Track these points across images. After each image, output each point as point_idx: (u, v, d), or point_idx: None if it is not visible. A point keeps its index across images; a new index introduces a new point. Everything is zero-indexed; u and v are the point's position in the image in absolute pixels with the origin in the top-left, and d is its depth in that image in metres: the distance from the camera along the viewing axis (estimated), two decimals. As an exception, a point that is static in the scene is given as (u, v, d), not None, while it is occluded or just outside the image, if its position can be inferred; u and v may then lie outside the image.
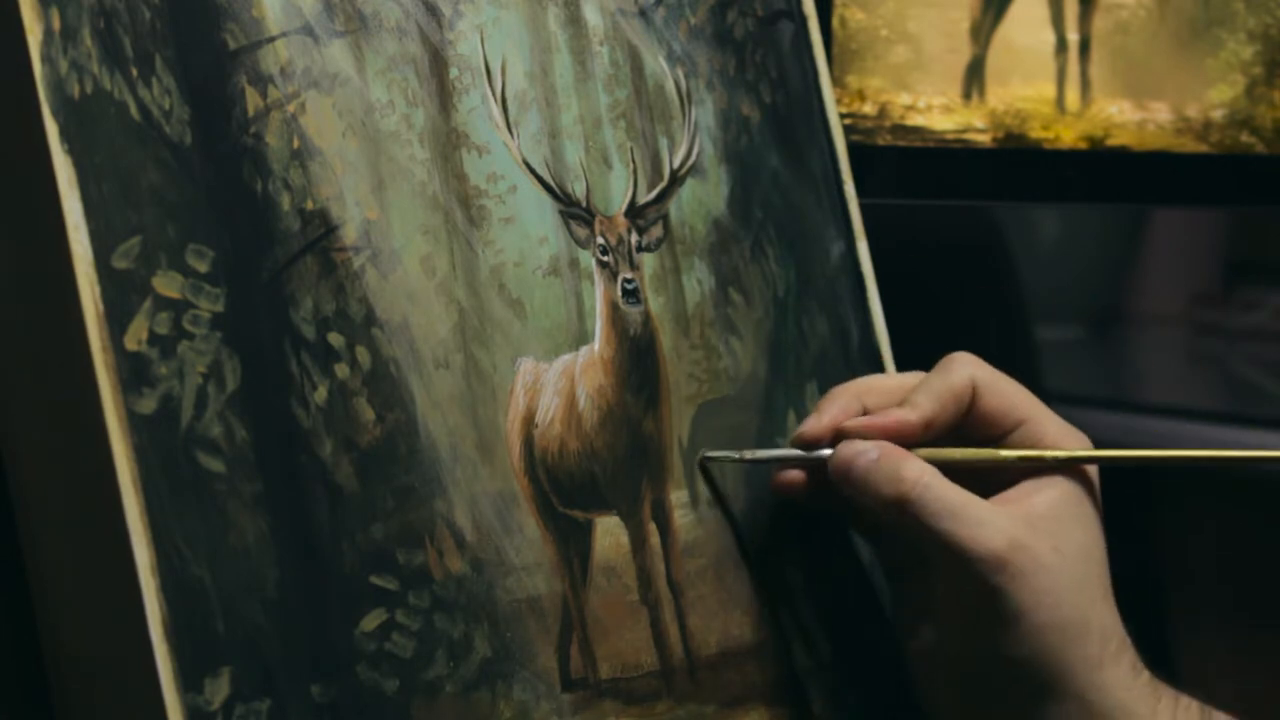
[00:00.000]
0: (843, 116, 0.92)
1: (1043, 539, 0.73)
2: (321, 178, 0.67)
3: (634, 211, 0.77)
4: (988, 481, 0.75)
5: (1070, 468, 0.76)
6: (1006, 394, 0.77)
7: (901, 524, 0.74)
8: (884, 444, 0.74)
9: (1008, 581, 0.72)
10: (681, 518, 0.77)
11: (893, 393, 0.78)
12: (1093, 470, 0.77)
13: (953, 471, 0.74)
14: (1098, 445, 0.78)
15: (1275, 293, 1.97)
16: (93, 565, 0.62)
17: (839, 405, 0.77)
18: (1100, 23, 1.06)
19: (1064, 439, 0.77)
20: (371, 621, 0.66)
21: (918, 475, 0.73)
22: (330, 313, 0.67)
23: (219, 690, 0.61)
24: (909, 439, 0.75)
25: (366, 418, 0.67)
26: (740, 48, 0.83)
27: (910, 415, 0.75)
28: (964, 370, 0.77)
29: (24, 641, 0.65)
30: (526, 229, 0.73)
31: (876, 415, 0.76)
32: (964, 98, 1.02)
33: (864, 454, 0.74)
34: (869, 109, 0.99)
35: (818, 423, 0.76)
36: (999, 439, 0.77)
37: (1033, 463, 0.75)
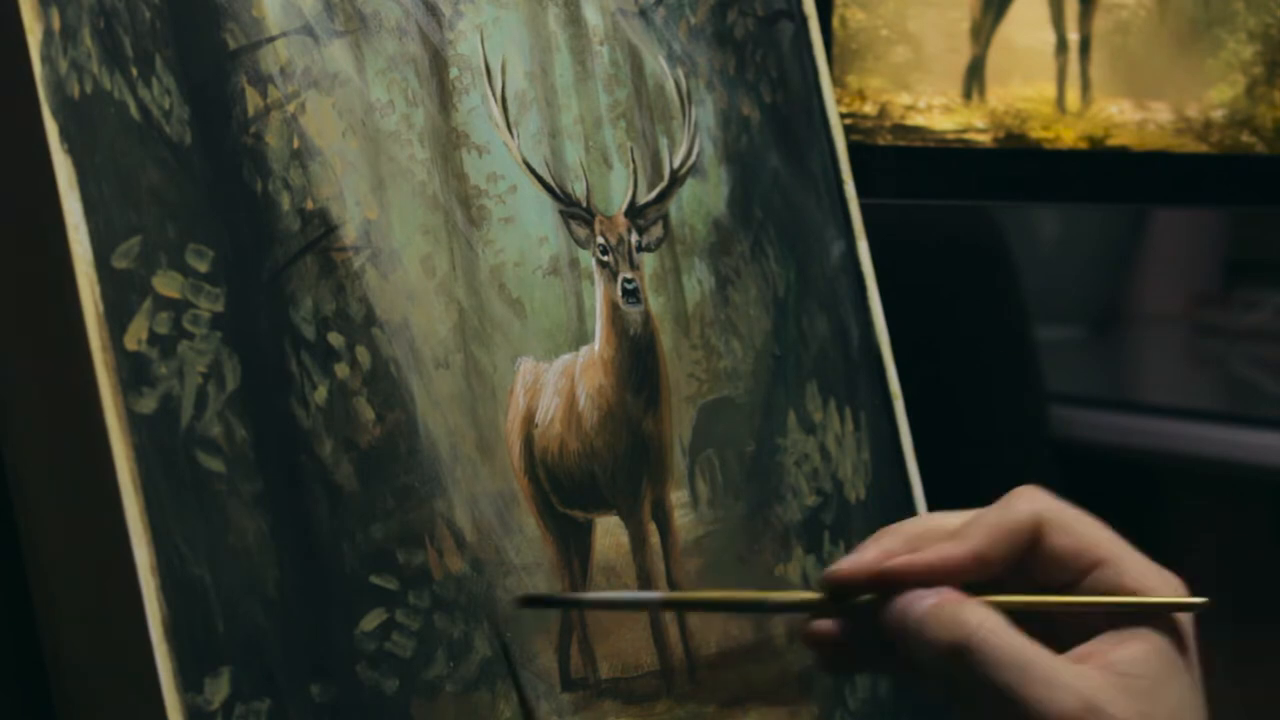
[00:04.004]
0: (843, 116, 0.92)
1: (1126, 701, 0.63)
2: (321, 178, 0.67)
3: (634, 211, 0.77)
4: (1064, 633, 0.66)
5: (1161, 615, 0.66)
6: (1079, 532, 0.67)
7: (959, 676, 0.64)
8: (944, 589, 0.65)
9: None
10: (681, 518, 0.77)
11: (947, 531, 0.68)
12: (1186, 619, 0.67)
13: (1021, 620, 0.65)
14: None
15: (1275, 293, 1.97)
16: (93, 565, 0.62)
17: (881, 546, 0.67)
18: (1100, 23, 1.06)
19: (1148, 582, 0.66)
20: (371, 621, 0.66)
21: (980, 620, 0.64)
22: (330, 313, 0.67)
23: (219, 690, 0.61)
24: (956, 576, 0.66)
25: (366, 418, 0.67)
26: (740, 48, 0.83)
27: (957, 549, 0.66)
28: (1025, 505, 0.67)
29: (24, 641, 0.65)
30: (526, 229, 0.74)
31: (919, 553, 0.66)
32: (964, 98, 1.02)
33: (921, 599, 0.65)
34: (869, 109, 0.99)
35: (854, 563, 0.66)
36: (1072, 582, 0.67)
37: (1108, 608, 0.66)
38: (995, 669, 0.63)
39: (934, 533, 0.67)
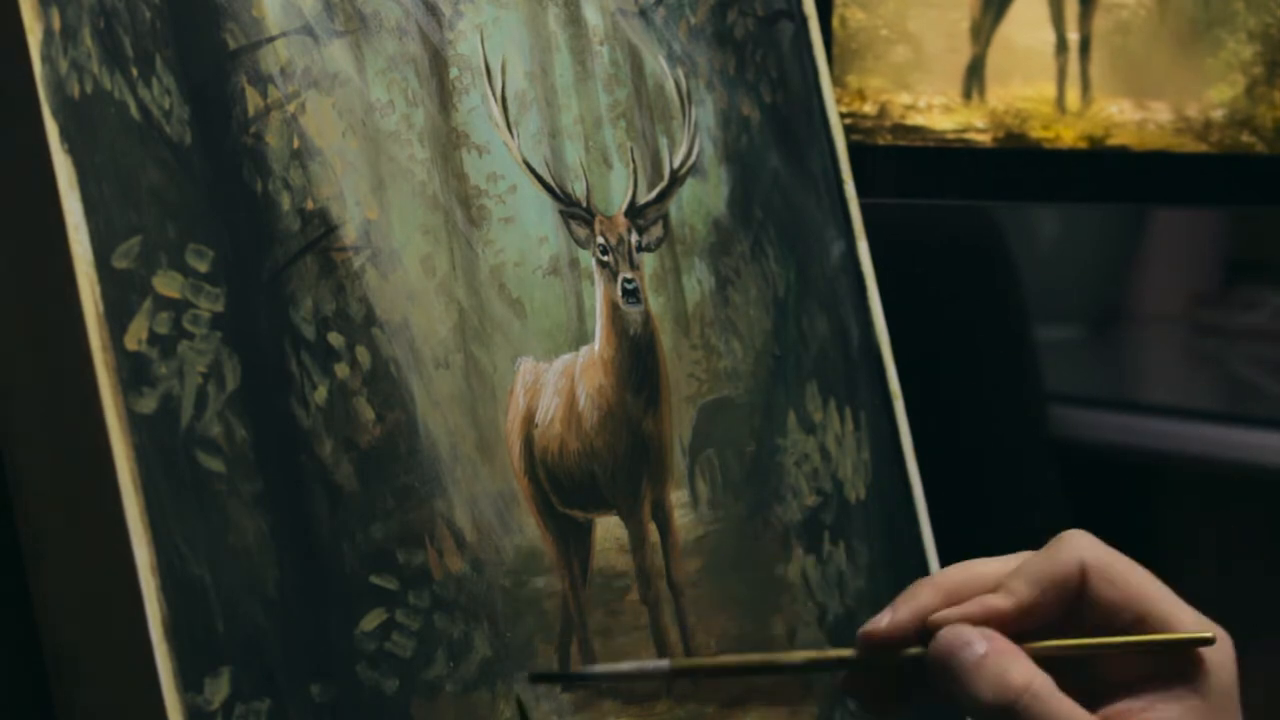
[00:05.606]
0: (843, 116, 0.92)
1: None
2: (321, 178, 0.67)
3: (634, 211, 0.77)
4: (1104, 684, 0.66)
5: (1201, 668, 0.66)
6: (1123, 582, 0.66)
7: None
8: (993, 636, 0.64)
9: None
10: (681, 518, 0.77)
11: (988, 579, 0.67)
12: (1227, 668, 0.66)
13: (1063, 668, 0.65)
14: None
15: (1275, 293, 1.98)
16: (93, 565, 0.62)
17: (919, 602, 0.66)
18: (1100, 22, 1.06)
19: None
20: (371, 621, 0.66)
21: (1026, 682, 0.63)
22: (330, 312, 0.67)
23: (219, 690, 0.61)
24: (1002, 630, 0.65)
25: (366, 418, 0.67)
26: (740, 47, 0.83)
27: (1002, 603, 0.65)
28: (1072, 553, 0.66)
29: (24, 641, 0.65)
30: (526, 229, 0.74)
31: (962, 607, 0.65)
32: (964, 97, 1.02)
33: (969, 646, 0.64)
34: (869, 109, 0.99)
35: (892, 621, 0.66)
36: (1115, 633, 0.66)
37: (1147, 648, 0.65)
38: None
39: (973, 584, 0.66)
